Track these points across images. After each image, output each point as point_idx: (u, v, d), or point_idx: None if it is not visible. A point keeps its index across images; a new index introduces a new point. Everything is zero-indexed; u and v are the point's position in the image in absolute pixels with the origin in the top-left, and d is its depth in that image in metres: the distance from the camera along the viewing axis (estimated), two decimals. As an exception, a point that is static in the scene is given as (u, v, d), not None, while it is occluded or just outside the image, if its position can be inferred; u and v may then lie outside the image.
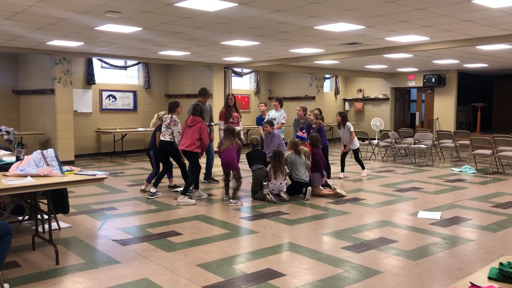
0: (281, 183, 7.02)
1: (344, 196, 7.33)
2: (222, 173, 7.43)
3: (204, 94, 8.14)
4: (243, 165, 8.47)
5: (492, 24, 7.28)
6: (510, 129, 17.15)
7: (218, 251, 4.65)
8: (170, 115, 7.25)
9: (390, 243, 4.96)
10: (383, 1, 5.75)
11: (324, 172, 7.66)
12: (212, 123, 8.46)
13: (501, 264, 2.28)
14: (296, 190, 7.23)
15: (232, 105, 8.58)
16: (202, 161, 7.54)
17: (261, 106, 9.46)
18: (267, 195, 7.02)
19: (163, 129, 7.27)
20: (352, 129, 9.18)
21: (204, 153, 8.34)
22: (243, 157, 8.10)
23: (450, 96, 16.48)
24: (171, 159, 7.58)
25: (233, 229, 5.53)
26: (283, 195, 7.00)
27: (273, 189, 7.00)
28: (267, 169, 7.16)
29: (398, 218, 6.10)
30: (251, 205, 6.85)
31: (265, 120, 8.47)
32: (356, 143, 9.34)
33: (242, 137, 8.36)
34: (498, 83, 19.16)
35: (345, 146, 9.31)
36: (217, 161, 9.19)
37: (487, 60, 12.81)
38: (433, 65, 14.70)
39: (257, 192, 7.17)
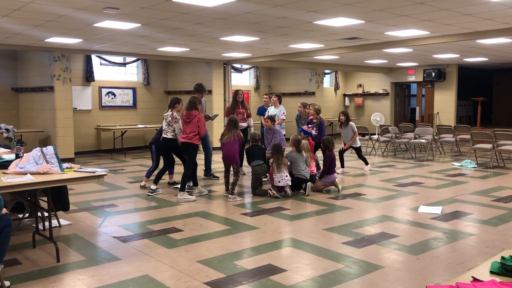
0: (287, 176, 6.99)
1: (339, 191, 7.34)
2: (222, 169, 7.41)
3: (201, 90, 8.12)
4: (244, 161, 8.46)
5: (492, 18, 7.25)
6: (510, 123, 17.15)
7: (219, 247, 4.64)
8: (170, 112, 7.22)
9: (391, 238, 4.95)
10: (382, -5, 5.72)
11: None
12: (211, 116, 8.44)
13: (503, 258, 2.27)
14: (296, 186, 7.22)
15: (240, 101, 8.60)
16: (201, 157, 7.54)
17: (265, 98, 9.48)
18: (269, 190, 7.01)
19: (164, 126, 7.23)
20: (356, 129, 9.24)
21: (202, 148, 8.34)
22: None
23: (450, 91, 16.45)
24: (174, 156, 7.58)
25: (234, 225, 5.53)
26: (288, 189, 6.98)
27: (279, 181, 6.96)
28: (270, 163, 7.11)
29: (399, 213, 6.09)
30: (252, 201, 6.84)
31: (266, 116, 8.45)
32: (358, 142, 9.37)
33: (253, 131, 8.24)
34: (498, 77, 19.12)
35: (344, 143, 9.32)
36: (216, 157, 9.20)
37: (487, 54, 12.77)
38: (433, 60, 14.66)
39: (257, 188, 7.15)
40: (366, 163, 9.55)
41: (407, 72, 17.42)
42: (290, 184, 7.02)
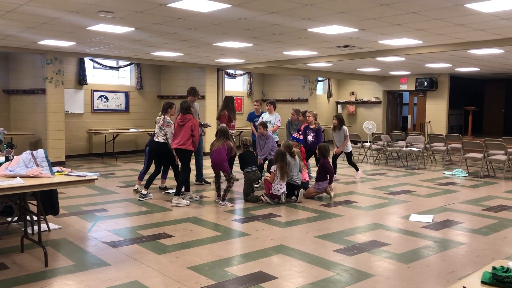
0: (285, 184, 6.98)
1: (331, 197, 7.36)
2: (213, 175, 7.38)
3: (194, 93, 8.11)
4: (235, 167, 8.44)
5: (484, 29, 7.33)
6: (501, 133, 17.31)
7: (209, 254, 4.62)
8: (162, 116, 7.21)
9: (382, 246, 4.96)
10: (376, 4, 5.76)
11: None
12: (203, 123, 8.43)
13: (494, 268, 2.27)
14: (288, 192, 7.20)
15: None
16: (192, 162, 7.51)
17: (256, 105, 9.49)
18: (261, 197, 6.99)
19: (156, 130, 7.21)
20: (347, 133, 9.24)
21: (193, 154, 8.31)
22: (236, 159, 8.08)
23: (442, 100, 16.58)
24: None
25: (225, 231, 5.50)
26: (283, 197, 6.96)
27: (278, 190, 6.94)
28: (272, 170, 7.05)
29: (390, 221, 6.10)
30: (243, 207, 6.82)
31: (258, 122, 8.43)
32: (349, 147, 9.39)
33: (245, 137, 8.31)
34: (489, 87, 19.32)
35: (337, 147, 9.34)
36: (207, 162, 9.17)
37: (478, 64, 12.90)
38: (425, 69, 14.77)
39: (249, 194, 7.13)
40: (357, 169, 9.55)
41: (399, 81, 17.54)
42: (286, 191, 7.01)
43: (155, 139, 7.20)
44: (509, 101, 19.00)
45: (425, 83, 16.31)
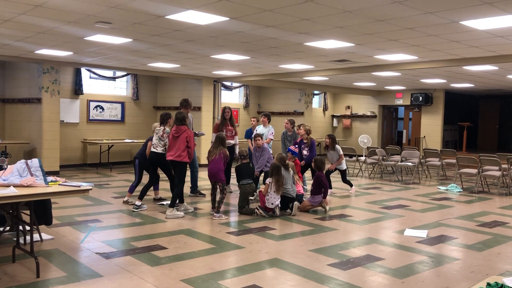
0: (279, 198, 6.96)
1: (326, 211, 7.34)
2: (208, 186, 7.35)
3: (186, 105, 8.10)
4: (232, 179, 8.42)
5: (479, 46, 7.40)
6: (495, 149, 17.42)
7: (203, 266, 4.58)
8: (162, 127, 7.19)
9: (377, 260, 4.94)
10: (372, 20, 5.82)
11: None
12: (197, 133, 8.43)
13: (488, 284, 2.27)
14: (283, 205, 7.19)
15: (228, 119, 8.60)
16: (187, 174, 7.50)
17: (253, 120, 9.49)
18: (256, 210, 6.97)
19: (155, 141, 7.18)
20: (341, 152, 9.23)
21: (188, 166, 8.30)
22: (232, 171, 8.07)
23: (437, 115, 16.68)
24: (159, 172, 7.52)
25: (219, 244, 5.47)
26: (277, 210, 6.94)
27: (272, 203, 6.92)
28: (267, 181, 7.03)
29: (384, 236, 6.09)
30: (238, 219, 6.80)
31: (255, 133, 8.45)
32: (343, 164, 9.36)
33: (237, 151, 8.31)
34: (484, 103, 19.48)
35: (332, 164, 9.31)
36: (202, 174, 9.15)
37: (473, 80, 13.01)
38: (420, 84, 14.88)
39: (244, 207, 7.11)
40: (351, 186, 9.52)
41: (395, 96, 17.64)
42: (279, 205, 6.99)
43: (153, 149, 7.17)
44: (503, 117, 19.17)
45: (421, 98, 16.42)
